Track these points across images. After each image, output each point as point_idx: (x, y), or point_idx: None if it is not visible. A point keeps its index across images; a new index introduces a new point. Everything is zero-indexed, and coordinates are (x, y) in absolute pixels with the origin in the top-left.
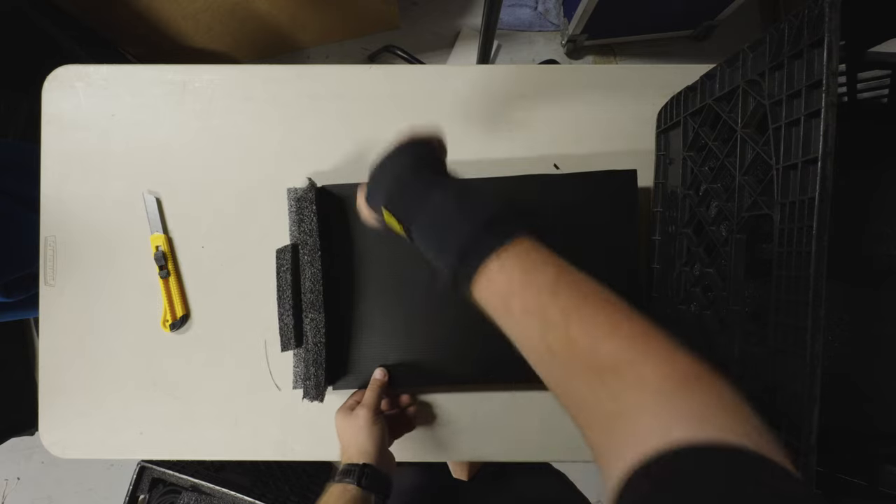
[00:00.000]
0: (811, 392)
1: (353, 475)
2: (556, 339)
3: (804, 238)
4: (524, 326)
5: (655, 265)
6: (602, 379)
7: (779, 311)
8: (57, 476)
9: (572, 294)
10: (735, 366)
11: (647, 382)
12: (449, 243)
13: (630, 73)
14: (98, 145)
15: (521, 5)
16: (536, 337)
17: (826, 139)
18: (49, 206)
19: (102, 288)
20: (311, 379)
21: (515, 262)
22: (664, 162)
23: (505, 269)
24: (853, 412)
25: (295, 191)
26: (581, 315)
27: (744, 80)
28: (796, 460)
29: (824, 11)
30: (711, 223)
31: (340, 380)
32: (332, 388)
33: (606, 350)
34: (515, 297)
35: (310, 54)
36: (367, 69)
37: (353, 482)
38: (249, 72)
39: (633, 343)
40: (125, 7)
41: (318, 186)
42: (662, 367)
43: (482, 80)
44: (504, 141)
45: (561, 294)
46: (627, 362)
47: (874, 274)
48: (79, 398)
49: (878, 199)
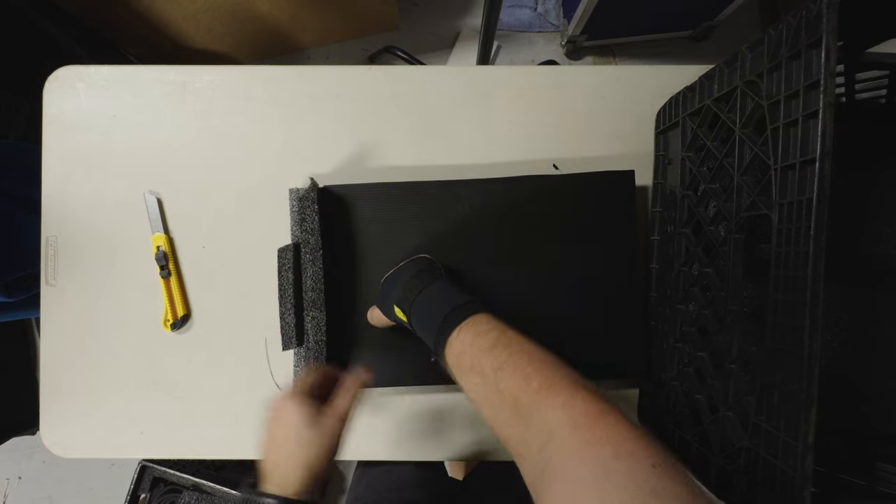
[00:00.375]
0: (809, 392)
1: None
2: (489, 392)
3: (802, 238)
4: (470, 381)
5: (654, 265)
6: (525, 426)
7: (777, 311)
8: (58, 475)
9: (503, 352)
10: (735, 365)
11: (554, 431)
12: (432, 324)
13: (629, 73)
14: (99, 146)
15: (521, 6)
16: (479, 390)
17: (824, 139)
18: (50, 207)
19: (103, 288)
20: None
21: (469, 331)
22: (663, 162)
23: (460, 337)
24: (851, 412)
25: (297, 191)
26: (506, 371)
27: (742, 80)
28: (794, 461)
29: (822, 12)
30: (710, 223)
31: None
32: None
33: (524, 401)
34: (465, 356)
35: (310, 55)
36: (368, 70)
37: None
38: (250, 72)
39: (539, 394)
40: (126, 7)
41: (320, 187)
42: (563, 412)
43: (482, 80)
44: (503, 141)
45: (495, 352)
46: (538, 410)
47: (872, 273)
48: (80, 398)
49: (876, 198)
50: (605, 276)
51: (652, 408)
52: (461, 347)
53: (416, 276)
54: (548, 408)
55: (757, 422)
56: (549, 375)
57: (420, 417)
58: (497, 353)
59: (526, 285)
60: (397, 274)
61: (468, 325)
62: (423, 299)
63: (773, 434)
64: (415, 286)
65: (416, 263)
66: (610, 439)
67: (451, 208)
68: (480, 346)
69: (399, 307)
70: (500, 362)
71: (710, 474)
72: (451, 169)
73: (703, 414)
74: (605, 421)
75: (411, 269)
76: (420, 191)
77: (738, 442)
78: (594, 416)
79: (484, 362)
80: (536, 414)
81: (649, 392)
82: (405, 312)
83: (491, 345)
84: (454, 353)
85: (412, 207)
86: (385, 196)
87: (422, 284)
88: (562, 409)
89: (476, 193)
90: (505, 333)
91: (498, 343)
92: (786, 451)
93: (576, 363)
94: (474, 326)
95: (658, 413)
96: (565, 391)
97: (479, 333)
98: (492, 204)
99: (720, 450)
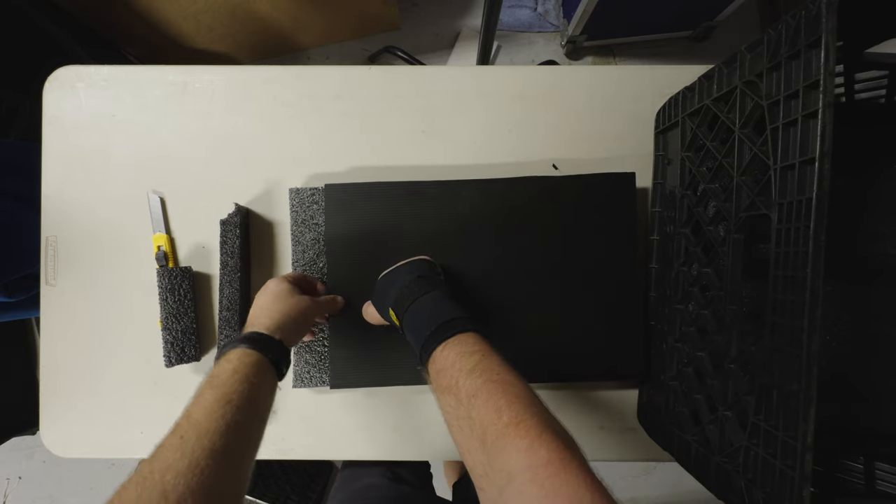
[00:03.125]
0: (808, 392)
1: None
2: (461, 417)
3: (801, 238)
4: (445, 401)
5: (654, 265)
6: (490, 461)
7: (776, 311)
8: (58, 475)
9: (480, 378)
10: (734, 365)
11: (514, 475)
12: (421, 335)
13: (629, 73)
14: (99, 146)
15: (521, 6)
16: (452, 413)
17: (823, 139)
18: (50, 207)
19: (103, 288)
20: None
21: (453, 349)
22: (663, 162)
23: (444, 354)
24: (850, 412)
25: (298, 190)
26: (479, 399)
27: (741, 80)
28: (793, 461)
29: (821, 12)
30: (709, 223)
31: (341, 378)
32: (329, 388)
33: (491, 435)
34: (444, 374)
35: (310, 55)
36: (368, 70)
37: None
38: (250, 72)
39: (507, 430)
40: (126, 7)
41: (323, 185)
42: (526, 457)
43: (482, 80)
44: (503, 141)
45: (472, 376)
46: (502, 449)
47: (871, 273)
48: (80, 397)
49: (875, 198)
50: (604, 278)
51: (651, 408)
52: (443, 364)
53: (415, 282)
54: (512, 449)
55: (756, 421)
56: (519, 411)
57: (408, 416)
58: (475, 378)
59: (525, 286)
60: (395, 275)
61: (454, 343)
62: (417, 307)
63: (772, 434)
64: (412, 292)
65: (417, 267)
66: (567, 496)
67: (451, 208)
68: (461, 368)
69: (394, 311)
70: (475, 389)
71: (710, 473)
72: (451, 169)
73: (703, 414)
74: (566, 475)
75: (411, 273)
76: (420, 190)
77: (737, 441)
78: (555, 467)
79: (461, 385)
80: (501, 452)
81: (649, 392)
82: (399, 318)
83: (471, 368)
84: (436, 369)
85: (412, 207)
86: (385, 195)
87: (419, 291)
88: (525, 452)
89: (476, 194)
90: (487, 358)
91: (477, 367)
92: (785, 451)
93: (575, 364)
94: (459, 346)
95: (657, 413)
96: (532, 432)
97: (462, 354)
98: (492, 204)
99: (719, 449)
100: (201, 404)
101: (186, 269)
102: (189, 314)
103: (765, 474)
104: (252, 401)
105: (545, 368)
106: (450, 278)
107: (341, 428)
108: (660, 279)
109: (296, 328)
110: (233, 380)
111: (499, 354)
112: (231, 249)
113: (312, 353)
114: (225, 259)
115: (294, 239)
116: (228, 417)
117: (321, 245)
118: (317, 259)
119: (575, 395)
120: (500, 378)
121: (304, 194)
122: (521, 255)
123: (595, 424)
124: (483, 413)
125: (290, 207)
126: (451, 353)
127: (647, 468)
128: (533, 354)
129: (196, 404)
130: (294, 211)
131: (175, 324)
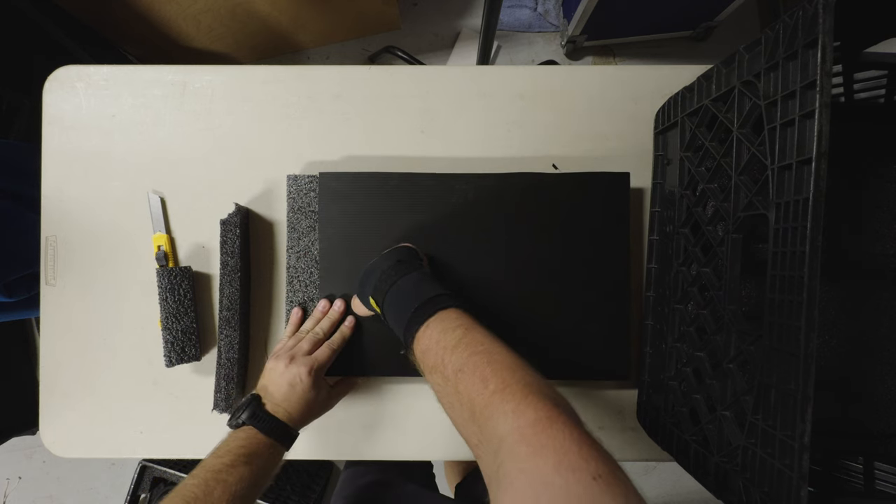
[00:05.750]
0: (805, 391)
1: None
2: (450, 393)
3: (798, 238)
4: (433, 380)
5: (653, 265)
6: (481, 430)
7: (774, 311)
8: (58, 475)
9: (465, 352)
10: (732, 364)
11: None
12: (402, 318)
13: (629, 73)
14: (99, 146)
15: (521, 6)
16: (441, 390)
17: (820, 140)
18: (50, 207)
19: (103, 288)
20: (222, 392)
21: (436, 327)
22: (662, 162)
23: (427, 333)
24: (848, 411)
25: (296, 178)
26: (465, 373)
27: (740, 80)
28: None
29: (818, 12)
30: (708, 223)
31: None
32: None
33: (479, 404)
34: (430, 353)
35: (310, 55)
36: (368, 70)
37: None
38: (249, 72)
39: (493, 398)
40: (126, 7)
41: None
42: (513, 419)
43: (482, 80)
44: (503, 141)
45: (457, 351)
46: (491, 416)
47: (870, 273)
48: (79, 397)
49: (872, 198)
50: (594, 278)
51: (650, 407)
52: (427, 344)
53: (394, 267)
54: (499, 414)
55: (754, 421)
56: (504, 378)
57: (408, 416)
58: (459, 352)
59: (515, 281)
60: (375, 263)
61: (436, 320)
62: (396, 290)
63: (770, 433)
64: (390, 277)
65: (397, 253)
66: (554, 450)
67: (445, 201)
68: (445, 345)
69: (374, 298)
70: (460, 363)
71: (709, 473)
72: (450, 168)
73: (702, 413)
74: (552, 431)
75: (390, 259)
76: (415, 182)
77: (736, 441)
78: (542, 425)
79: (446, 361)
80: (489, 419)
81: (648, 392)
82: (379, 304)
83: (454, 344)
84: (421, 349)
85: (406, 198)
86: (380, 186)
87: (397, 275)
88: (512, 414)
89: (470, 188)
90: (470, 332)
91: (461, 342)
92: (783, 451)
93: (561, 362)
94: (441, 322)
95: (656, 413)
96: (518, 395)
97: (445, 330)
98: (485, 199)
99: (718, 449)
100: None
101: (186, 269)
102: (189, 314)
103: (763, 474)
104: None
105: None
106: (435, 266)
107: (341, 428)
108: (659, 279)
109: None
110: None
111: (482, 326)
112: (231, 249)
113: None
114: (225, 259)
115: (290, 226)
116: None
117: (316, 233)
118: (311, 247)
119: (575, 395)
120: (485, 349)
121: (301, 182)
122: (513, 250)
123: (595, 424)
124: (470, 385)
125: (287, 194)
126: (434, 331)
127: (647, 468)
128: (520, 352)
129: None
130: (291, 198)
131: (175, 324)
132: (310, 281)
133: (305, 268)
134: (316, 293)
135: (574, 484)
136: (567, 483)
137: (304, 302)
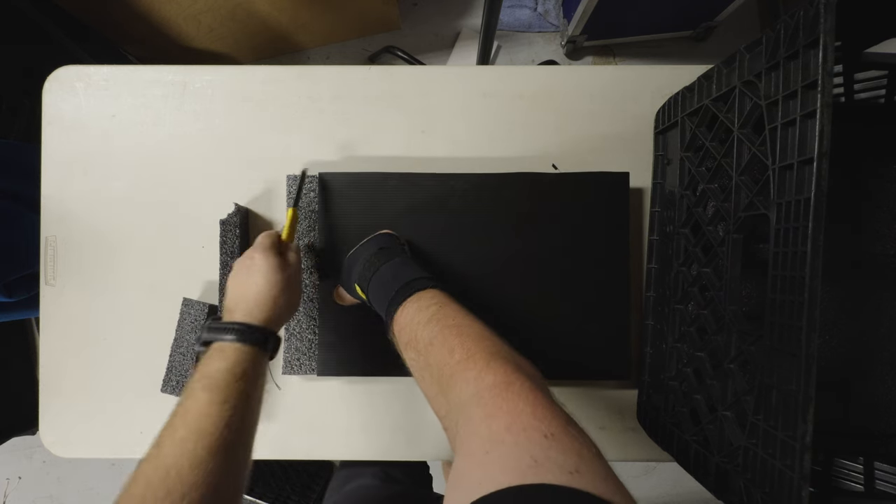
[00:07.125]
0: (806, 391)
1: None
2: (422, 367)
3: (800, 238)
4: (408, 356)
5: (653, 265)
6: (447, 400)
7: (775, 311)
8: (58, 475)
9: (436, 326)
10: (733, 365)
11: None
12: (383, 300)
13: (629, 73)
14: (98, 146)
15: (521, 6)
16: (414, 365)
17: (821, 140)
18: (50, 206)
19: (103, 288)
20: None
21: (412, 307)
22: (662, 162)
23: (404, 313)
24: (848, 411)
25: (294, 177)
26: (435, 345)
27: (740, 80)
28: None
29: (819, 12)
30: (708, 223)
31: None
32: (316, 374)
33: (445, 373)
34: (405, 331)
35: (310, 55)
36: (368, 70)
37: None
38: (249, 72)
39: (458, 366)
40: (126, 7)
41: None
42: (474, 385)
43: (482, 80)
44: (503, 141)
45: (429, 326)
46: (454, 384)
47: (870, 273)
48: (79, 397)
49: (873, 198)
50: (593, 277)
51: (651, 408)
52: (403, 322)
53: (376, 254)
54: (462, 381)
55: (755, 421)
56: (469, 347)
57: (407, 416)
58: (431, 327)
59: (514, 282)
60: (358, 252)
61: (412, 300)
62: (379, 277)
63: (771, 434)
64: (373, 263)
65: (378, 240)
66: (508, 411)
67: (444, 201)
68: (419, 321)
69: (359, 285)
70: (431, 336)
71: (710, 474)
72: (450, 169)
73: (702, 414)
74: (509, 393)
75: (372, 247)
76: (415, 182)
77: (737, 441)
78: (499, 388)
79: (419, 336)
80: (454, 388)
81: (648, 392)
82: (364, 291)
83: (427, 319)
84: (398, 328)
85: (405, 198)
86: (379, 185)
87: (380, 262)
88: (473, 381)
89: (469, 187)
90: (443, 308)
91: (433, 318)
92: (784, 451)
93: (561, 363)
94: (417, 301)
95: (657, 413)
96: (480, 363)
97: (420, 308)
98: (485, 199)
99: (718, 449)
100: (197, 407)
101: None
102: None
103: (764, 474)
104: (248, 398)
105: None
106: (415, 251)
107: (341, 428)
108: (659, 279)
109: (290, 310)
110: (227, 379)
111: (457, 304)
112: (231, 249)
113: (303, 341)
114: (225, 259)
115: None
116: (227, 417)
117: (315, 233)
118: (311, 246)
119: (575, 395)
120: (455, 322)
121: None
122: (513, 250)
123: (595, 424)
124: (438, 356)
125: (287, 194)
126: (410, 310)
127: (647, 468)
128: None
129: (191, 405)
130: (290, 198)
131: None
132: (310, 281)
133: (305, 268)
134: (315, 293)
135: (525, 441)
136: (517, 441)
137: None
